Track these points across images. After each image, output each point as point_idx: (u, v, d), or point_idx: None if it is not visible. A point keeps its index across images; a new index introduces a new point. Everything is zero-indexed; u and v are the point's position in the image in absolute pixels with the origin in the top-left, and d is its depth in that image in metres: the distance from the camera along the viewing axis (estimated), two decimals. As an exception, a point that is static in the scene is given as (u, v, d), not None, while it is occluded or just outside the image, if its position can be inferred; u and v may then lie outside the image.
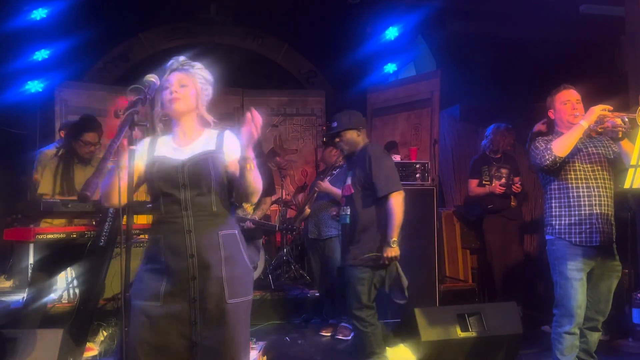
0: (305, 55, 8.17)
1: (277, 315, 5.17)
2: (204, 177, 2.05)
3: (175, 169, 2.04)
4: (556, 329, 3.10)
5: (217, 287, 2.01)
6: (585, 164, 3.09)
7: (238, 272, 2.07)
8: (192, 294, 1.98)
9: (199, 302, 1.98)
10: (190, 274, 1.99)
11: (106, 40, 6.98)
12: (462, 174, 6.37)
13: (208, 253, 2.02)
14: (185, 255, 2.00)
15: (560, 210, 3.10)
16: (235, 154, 2.09)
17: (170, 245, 2.01)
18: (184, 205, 2.03)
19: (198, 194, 2.04)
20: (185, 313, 1.98)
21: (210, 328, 1.99)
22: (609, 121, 2.94)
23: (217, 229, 2.06)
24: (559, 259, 3.09)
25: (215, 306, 2.00)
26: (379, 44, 7.29)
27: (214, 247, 2.04)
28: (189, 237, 2.01)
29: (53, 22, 6.33)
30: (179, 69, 2.16)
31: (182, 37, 7.70)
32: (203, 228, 2.04)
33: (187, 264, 1.99)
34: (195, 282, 1.99)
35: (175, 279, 1.99)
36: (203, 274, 2.00)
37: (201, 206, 2.05)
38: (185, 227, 2.02)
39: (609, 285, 3.10)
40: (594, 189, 3.05)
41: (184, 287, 1.99)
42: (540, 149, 3.04)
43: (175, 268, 1.99)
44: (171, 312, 1.97)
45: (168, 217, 2.04)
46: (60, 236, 3.32)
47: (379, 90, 7.18)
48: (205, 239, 2.03)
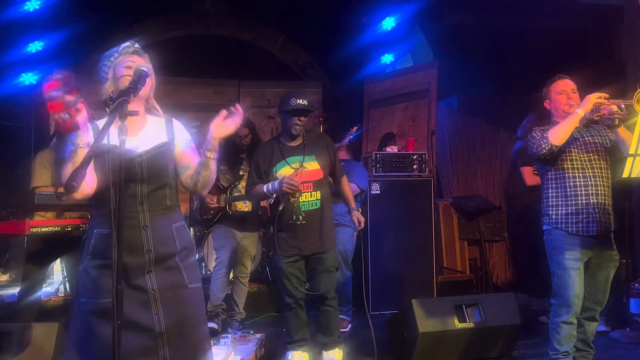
0: (301, 46, 8.11)
1: (275, 308, 5.16)
2: (162, 172, 2.04)
3: (132, 162, 1.98)
4: (554, 318, 3.10)
5: (177, 276, 2.03)
6: (582, 153, 3.07)
7: (192, 261, 2.13)
8: (150, 286, 1.97)
9: (158, 292, 1.97)
10: (147, 269, 1.98)
11: (101, 31, 6.90)
12: (459, 165, 6.35)
13: (164, 247, 2.02)
14: (142, 250, 1.98)
15: (557, 200, 3.09)
16: (186, 144, 2.14)
17: (125, 240, 1.88)
18: (139, 199, 2.00)
19: (155, 188, 2.03)
20: (145, 305, 1.95)
21: (175, 315, 1.99)
22: (605, 109, 2.91)
23: (171, 222, 2.07)
24: (556, 249, 3.08)
25: (178, 292, 2.02)
26: (376, 35, 7.24)
27: (170, 241, 2.04)
28: (145, 232, 1.99)
29: (47, 13, 6.26)
30: (138, 53, 2.11)
31: (178, 29, 7.63)
32: (158, 222, 2.03)
33: (144, 259, 1.98)
34: (152, 275, 1.98)
35: (131, 274, 1.95)
36: (160, 266, 2.00)
37: (157, 200, 2.04)
38: (141, 222, 1.99)
39: (606, 275, 3.09)
40: (591, 179, 3.04)
41: (141, 282, 1.97)
42: (536, 138, 3.03)
43: (131, 263, 1.95)
44: (131, 306, 1.90)
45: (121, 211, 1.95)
46: (55, 229, 3.31)
47: (376, 81, 7.14)
48: (161, 233, 2.02)
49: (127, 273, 1.95)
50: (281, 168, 3.40)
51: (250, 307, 4.68)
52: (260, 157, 3.47)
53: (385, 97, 6.86)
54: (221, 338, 3.59)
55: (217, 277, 4.33)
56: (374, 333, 3.54)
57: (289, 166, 3.39)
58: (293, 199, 3.33)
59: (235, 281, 4.46)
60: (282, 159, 3.40)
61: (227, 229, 4.41)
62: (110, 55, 2.08)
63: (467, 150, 6.33)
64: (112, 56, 2.07)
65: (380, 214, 5.03)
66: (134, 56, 2.08)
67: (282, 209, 3.35)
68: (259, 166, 3.45)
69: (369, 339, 3.58)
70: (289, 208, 3.36)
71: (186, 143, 2.16)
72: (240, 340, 3.60)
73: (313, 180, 3.40)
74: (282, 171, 3.38)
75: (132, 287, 1.96)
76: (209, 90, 7.36)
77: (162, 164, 2.05)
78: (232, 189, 4.44)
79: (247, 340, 3.62)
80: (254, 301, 4.97)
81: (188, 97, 7.11)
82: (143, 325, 1.94)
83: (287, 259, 3.41)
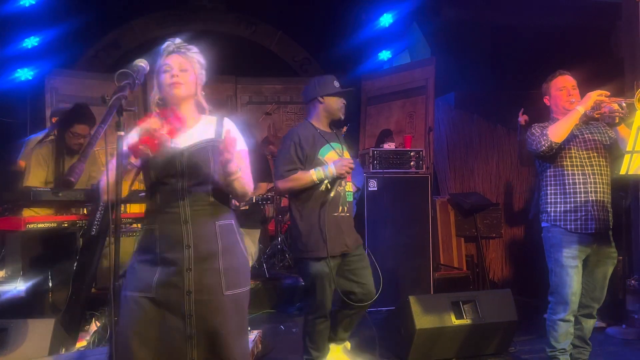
0: (299, 42, 8.10)
1: (272, 304, 5.16)
2: (203, 167, 1.99)
3: (173, 157, 1.97)
4: (551, 316, 3.11)
5: (214, 279, 1.96)
6: (582, 151, 3.06)
7: (235, 263, 2.04)
8: (187, 286, 1.93)
9: (194, 294, 1.93)
10: (186, 266, 1.94)
11: (97, 27, 6.90)
12: (456, 162, 6.35)
13: (205, 244, 1.97)
14: (182, 246, 1.95)
15: (556, 197, 3.08)
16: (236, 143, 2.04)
17: (166, 235, 1.96)
18: (180, 194, 1.97)
19: (195, 183, 1.99)
20: (178, 305, 1.93)
21: (206, 320, 1.94)
22: (606, 107, 2.90)
23: (214, 219, 2.02)
24: (554, 246, 3.08)
25: (212, 298, 1.95)
26: (374, 31, 7.24)
27: (211, 238, 1.99)
28: (186, 228, 1.96)
29: (43, 9, 6.24)
30: (176, 52, 2.07)
31: (174, 25, 7.61)
32: (200, 218, 1.98)
33: (183, 255, 1.94)
34: (191, 274, 1.94)
35: (170, 271, 1.94)
36: (199, 265, 1.95)
37: (198, 196, 1.99)
38: (182, 217, 1.96)
39: (604, 272, 3.09)
40: (590, 176, 3.03)
41: (179, 278, 1.93)
42: (536, 135, 3.02)
43: (170, 259, 1.94)
44: (163, 304, 1.92)
45: (164, 206, 1.98)
46: (52, 225, 3.28)
47: (373, 77, 7.13)
48: (202, 229, 1.98)
49: (166, 269, 1.94)
50: (327, 152, 3.07)
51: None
52: (302, 140, 3.02)
53: (383, 94, 6.86)
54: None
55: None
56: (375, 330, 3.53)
57: (334, 151, 3.08)
58: (340, 187, 3.02)
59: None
60: (326, 142, 3.07)
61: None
62: (155, 60, 2.06)
63: (465, 147, 6.33)
64: (156, 61, 2.05)
65: (377, 211, 5.02)
66: (172, 56, 2.05)
67: (326, 201, 2.97)
68: (303, 150, 3.00)
69: (365, 335, 3.58)
70: (336, 198, 3.01)
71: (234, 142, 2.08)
72: (238, 337, 3.59)
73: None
74: (329, 155, 3.06)
75: (169, 284, 1.93)
76: (205, 86, 7.34)
77: (203, 159, 1.99)
78: None
79: (248, 338, 3.61)
80: (251, 298, 4.89)
81: (185, 93, 7.08)
82: (175, 326, 1.93)
83: (333, 259, 2.98)
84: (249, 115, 7.17)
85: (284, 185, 3.02)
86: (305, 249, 3.01)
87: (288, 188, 3.04)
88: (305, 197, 3.02)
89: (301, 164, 3.00)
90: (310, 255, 2.98)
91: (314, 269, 2.97)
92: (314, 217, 2.98)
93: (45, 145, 3.69)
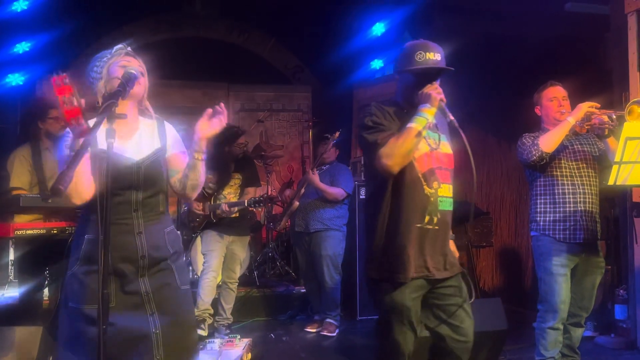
0: (292, 50, 8.11)
1: (262, 312, 5.15)
2: (159, 179, 2.05)
3: (129, 169, 1.97)
4: (540, 324, 3.12)
5: (170, 278, 2.04)
6: (571, 161, 3.10)
7: (182, 262, 2.14)
8: (143, 289, 1.97)
9: (152, 294, 1.98)
10: (140, 273, 1.98)
11: (89, 33, 6.87)
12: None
13: (158, 252, 2.02)
14: (136, 256, 1.97)
15: (545, 207, 3.11)
16: (177, 147, 2.13)
17: (118, 246, 1.92)
18: (134, 206, 1.99)
19: (150, 195, 2.02)
20: (139, 308, 1.95)
21: (168, 315, 1.99)
22: (596, 118, 2.94)
23: (163, 227, 2.07)
24: (543, 255, 3.10)
25: (171, 294, 2.02)
26: (366, 40, 7.27)
27: (162, 246, 2.04)
28: (140, 239, 1.98)
29: (35, 14, 6.20)
30: (130, 55, 2.08)
31: (167, 31, 7.60)
32: (152, 227, 2.02)
33: (138, 265, 1.97)
34: (145, 279, 1.98)
35: (125, 280, 1.95)
36: (153, 269, 2.00)
37: (151, 207, 2.03)
38: (136, 229, 1.98)
39: (592, 282, 3.12)
40: (579, 186, 3.06)
41: (135, 286, 1.96)
42: (527, 145, 3.04)
43: (124, 269, 1.95)
44: (126, 311, 1.92)
45: (115, 217, 1.92)
46: (41, 232, 3.25)
47: (365, 86, 7.17)
48: (154, 239, 2.02)
49: (120, 279, 1.95)
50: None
51: (237, 312, 4.66)
52: (382, 118, 2.25)
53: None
54: (208, 343, 3.57)
55: (205, 281, 4.30)
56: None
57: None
58: (431, 189, 2.23)
59: (223, 287, 4.43)
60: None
61: (216, 233, 4.39)
62: (102, 56, 2.06)
63: (455, 155, 6.35)
64: (105, 57, 2.05)
65: (368, 219, 5.02)
66: (127, 57, 2.06)
67: (407, 204, 2.21)
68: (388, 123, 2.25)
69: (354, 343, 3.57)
70: (421, 202, 2.22)
71: (177, 146, 2.15)
72: (227, 345, 3.58)
73: (450, 168, 2.39)
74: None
75: (126, 292, 1.96)
76: (197, 93, 7.34)
77: (158, 171, 2.04)
78: (216, 197, 4.42)
79: (234, 345, 3.60)
80: (241, 305, 4.95)
81: (177, 100, 7.08)
82: (137, 328, 1.93)
83: (410, 288, 2.20)
84: (241, 123, 7.16)
85: (386, 149, 2.15)
86: (379, 267, 2.25)
87: (391, 151, 2.14)
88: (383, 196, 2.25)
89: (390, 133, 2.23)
90: (384, 277, 2.23)
91: (388, 299, 2.23)
92: (393, 226, 2.23)
93: (27, 147, 3.61)
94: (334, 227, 4.57)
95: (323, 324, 4.58)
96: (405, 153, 2.16)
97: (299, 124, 7.84)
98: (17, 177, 3.47)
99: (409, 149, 2.16)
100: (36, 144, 3.53)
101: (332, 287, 4.53)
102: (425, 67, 2.28)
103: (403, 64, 2.34)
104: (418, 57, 2.28)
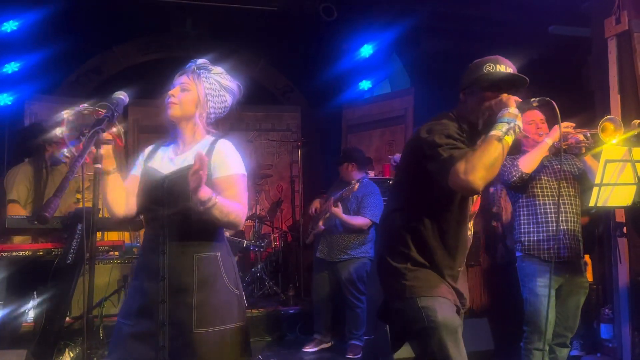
0: (281, 70, 8.19)
1: (268, 332, 5.11)
2: (181, 196, 1.84)
3: (156, 183, 1.93)
4: (526, 345, 3.14)
5: (185, 314, 1.86)
6: (552, 181, 3.16)
7: (214, 299, 1.89)
8: (160, 317, 1.86)
9: (167, 326, 1.86)
10: (160, 297, 1.87)
11: (79, 53, 6.89)
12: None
13: (179, 277, 1.88)
14: (158, 277, 1.88)
15: (529, 227, 3.16)
16: (217, 172, 1.90)
17: (145, 264, 1.94)
18: (161, 223, 1.90)
19: (175, 212, 1.88)
20: (153, 336, 1.87)
21: (178, 356, 1.86)
22: (572, 137, 3.04)
23: (193, 252, 1.89)
24: (528, 276, 3.14)
25: (182, 335, 1.86)
26: (355, 61, 7.37)
27: (187, 271, 1.88)
28: (163, 258, 1.89)
29: (24, 34, 6.22)
30: (188, 72, 2.02)
31: (157, 51, 7.65)
32: (177, 249, 1.89)
33: (158, 287, 1.88)
34: (165, 306, 1.87)
35: (146, 300, 1.89)
36: (173, 298, 1.87)
37: (179, 225, 1.89)
38: (160, 248, 1.89)
39: (577, 302, 3.15)
40: (561, 205, 3.12)
41: (154, 309, 1.87)
42: (507, 166, 3.10)
43: (147, 289, 1.90)
44: (141, 332, 1.88)
45: (147, 234, 1.96)
46: (26, 253, 3.23)
47: (354, 106, 7.25)
48: (177, 261, 1.88)
49: (143, 297, 1.91)
50: None
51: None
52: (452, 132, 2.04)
53: (363, 123, 6.96)
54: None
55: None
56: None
57: None
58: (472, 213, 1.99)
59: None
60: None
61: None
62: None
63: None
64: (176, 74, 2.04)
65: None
66: (182, 77, 2.03)
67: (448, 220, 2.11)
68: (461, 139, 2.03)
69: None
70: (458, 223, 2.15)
71: (218, 170, 1.92)
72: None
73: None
74: None
75: (144, 314, 1.89)
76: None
77: (183, 188, 1.81)
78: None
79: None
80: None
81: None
82: (148, 356, 1.86)
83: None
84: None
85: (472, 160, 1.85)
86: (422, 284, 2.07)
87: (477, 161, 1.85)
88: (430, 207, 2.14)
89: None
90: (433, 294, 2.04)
91: (441, 315, 2.00)
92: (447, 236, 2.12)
93: (28, 164, 3.67)
94: (359, 255, 4.52)
95: (348, 346, 4.49)
96: (489, 164, 1.84)
97: (288, 143, 7.88)
98: (16, 190, 3.49)
99: (494, 157, 1.85)
100: (38, 163, 3.56)
101: (359, 307, 4.50)
102: (503, 75, 2.16)
103: (470, 79, 2.19)
104: (487, 70, 2.14)
